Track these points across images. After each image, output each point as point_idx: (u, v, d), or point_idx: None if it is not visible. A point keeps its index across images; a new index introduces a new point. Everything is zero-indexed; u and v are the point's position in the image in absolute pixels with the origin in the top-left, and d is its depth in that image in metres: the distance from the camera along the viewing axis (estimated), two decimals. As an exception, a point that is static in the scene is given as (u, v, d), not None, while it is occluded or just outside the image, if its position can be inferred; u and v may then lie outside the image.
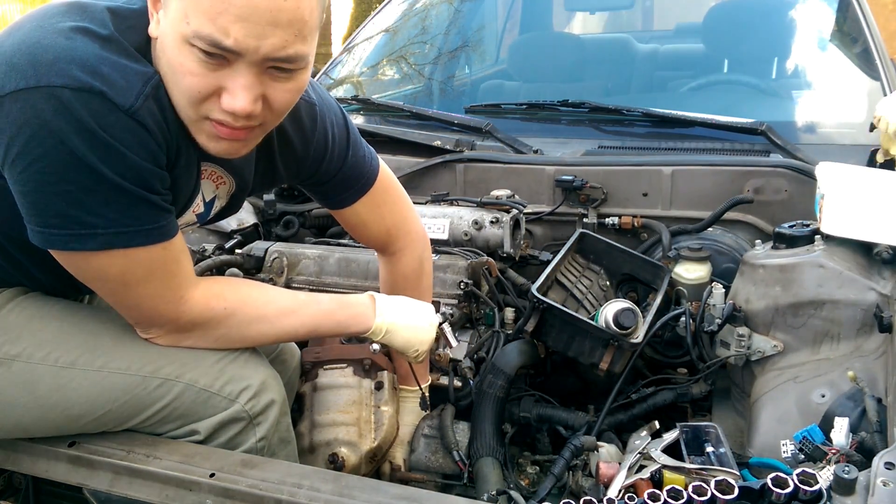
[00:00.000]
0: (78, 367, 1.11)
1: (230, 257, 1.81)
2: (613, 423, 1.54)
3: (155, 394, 1.13)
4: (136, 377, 1.12)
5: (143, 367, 1.13)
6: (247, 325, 1.18)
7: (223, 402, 1.15)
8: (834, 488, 0.89)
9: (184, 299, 1.11)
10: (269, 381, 1.20)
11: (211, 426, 1.14)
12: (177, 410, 1.14)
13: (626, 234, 1.94)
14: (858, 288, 1.37)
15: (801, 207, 1.81)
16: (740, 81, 2.43)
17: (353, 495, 1.00)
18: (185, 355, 1.16)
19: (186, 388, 1.14)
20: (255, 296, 1.20)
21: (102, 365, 1.12)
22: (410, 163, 2.12)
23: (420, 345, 1.31)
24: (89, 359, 1.12)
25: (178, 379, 1.13)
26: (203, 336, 1.16)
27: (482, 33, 3.10)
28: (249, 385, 1.16)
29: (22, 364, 1.11)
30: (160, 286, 1.08)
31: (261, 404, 1.17)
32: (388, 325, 1.28)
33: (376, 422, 1.42)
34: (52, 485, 1.17)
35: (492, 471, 1.40)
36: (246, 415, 1.16)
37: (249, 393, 1.16)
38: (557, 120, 2.32)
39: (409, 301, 1.34)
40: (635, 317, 1.46)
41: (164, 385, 1.13)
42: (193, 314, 1.12)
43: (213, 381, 1.15)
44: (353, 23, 9.54)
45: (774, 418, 1.33)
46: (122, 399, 1.12)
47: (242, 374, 1.17)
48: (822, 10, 2.57)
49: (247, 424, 1.16)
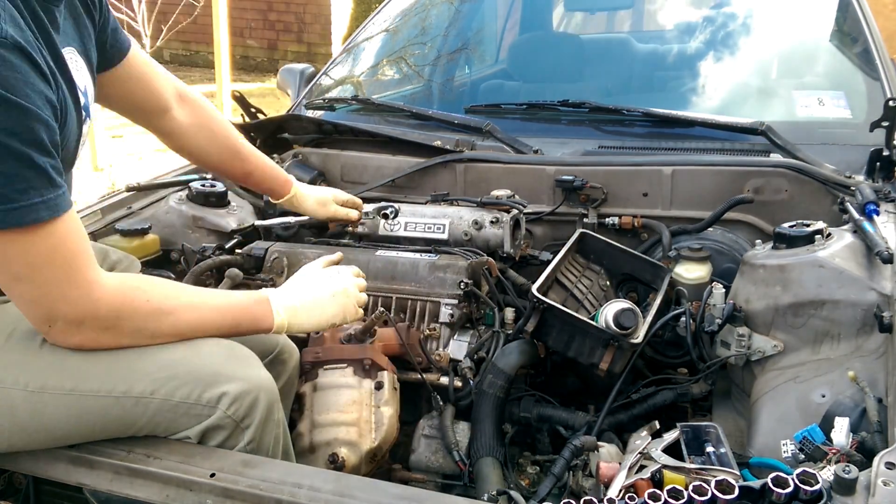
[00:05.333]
0: (48, 392, 1.08)
1: (230, 257, 1.81)
2: (613, 423, 1.54)
3: (132, 412, 1.10)
4: (110, 398, 1.09)
5: (114, 387, 1.09)
6: (163, 317, 1.13)
7: (204, 410, 1.12)
8: (834, 488, 0.89)
9: (97, 283, 1.04)
10: (253, 380, 1.16)
11: (198, 433, 1.13)
12: (160, 426, 1.12)
13: (626, 234, 1.94)
14: (858, 288, 1.37)
15: (802, 207, 1.81)
16: (740, 81, 2.43)
17: (353, 495, 1.00)
18: (156, 366, 1.11)
19: (163, 403, 1.10)
20: (167, 288, 1.17)
21: (73, 388, 1.08)
22: (410, 163, 2.12)
23: (333, 317, 1.31)
24: (58, 381, 1.08)
25: (153, 396, 1.10)
26: (120, 330, 1.09)
27: (482, 33, 3.10)
28: (227, 390, 1.12)
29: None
30: (65, 270, 1.00)
31: (245, 406, 1.13)
32: (288, 319, 1.25)
33: (376, 422, 1.42)
34: (52, 485, 1.17)
35: (492, 471, 1.40)
36: (230, 420, 1.13)
37: (230, 397, 1.12)
38: (557, 120, 2.32)
39: (301, 280, 1.33)
40: (635, 317, 1.46)
41: (140, 403, 1.10)
42: (112, 303, 1.06)
43: (189, 391, 1.11)
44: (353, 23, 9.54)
45: (775, 418, 1.33)
46: (101, 422, 1.10)
47: (219, 378, 1.13)
48: (822, 10, 2.57)
49: (234, 429, 1.13)
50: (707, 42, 2.61)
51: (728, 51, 2.56)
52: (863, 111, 2.11)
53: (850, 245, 1.47)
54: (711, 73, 2.49)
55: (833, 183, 1.81)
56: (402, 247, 1.84)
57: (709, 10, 2.72)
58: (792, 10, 2.60)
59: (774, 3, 2.66)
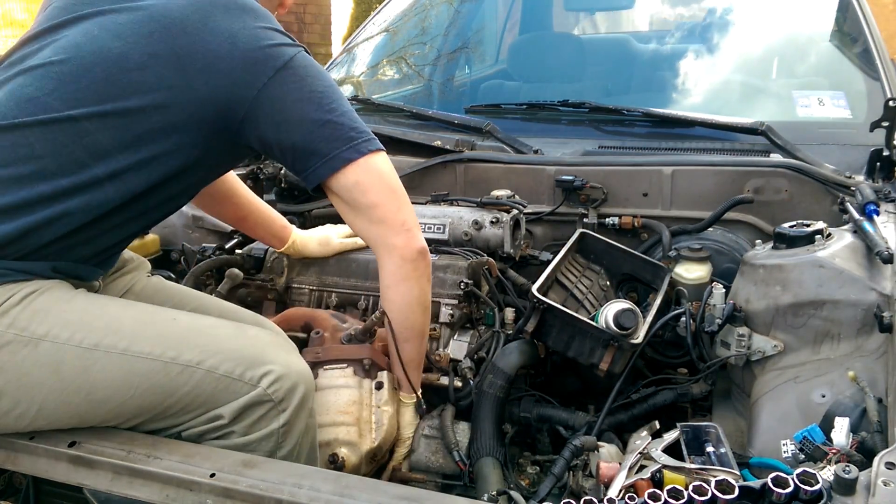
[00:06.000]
0: (101, 349, 1.12)
1: (230, 257, 1.81)
2: (614, 423, 1.53)
3: (176, 380, 1.14)
4: (158, 362, 1.13)
5: (164, 351, 1.14)
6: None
7: (245, 388, 1.16)
8: (834, 488, 0.89)
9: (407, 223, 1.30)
10: (294, 367, 1.21)
11: (234, 410, 1.15)
12: (199, 398, 1.15)
13: (626, 234, 1.94)
14: (858, 288, 1.37)
15: (802, 207, 1.81)
16: (740, 81, 2.43)
17: (353, 495, 1.00)
18: (206, 340, 1.17)
19: (207, 374, 1.15)
20: None
21: (125, 348, 1.13)
22: (410, 163, 2.12)
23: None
24: (113, 341, 1.13)
25: (199, 366, 1.14)
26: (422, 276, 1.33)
27: (482, 33, 3.10)
28: (271, 370, 1.17)
29: (48, 344, 1.11)
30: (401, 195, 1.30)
31: (284, 389, 1.18)
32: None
33: (376, 422, 1.42)
34: (52, 485, 1.17)
35: (492, 471, 1.40)
36: (269, 398, 1.16)
37: (272, 377, 1.17)
38: (557, 120, 2.32)
39: None
40: (636, 317, 1.46)
41: (185, 372, 1.14)
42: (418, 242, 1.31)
43: (234, 366, 1.16)
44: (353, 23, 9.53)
45: (775, 418, 1.33)
46: (143, 385, 1.13)
47: (264, 359, 1.18)
48: (822, 10, 2.57)
49: (271, 408, 1.17)
50: (707, 42, 2.62)
51: (728, 51, 2.56)
52: (863, 111, 2.11)
53: (851, 245, 1.47)
54: (711, 73, 2.49)
55: (833, 183, 1.81)
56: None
57: (709, 10, 2.72)
58: (792, 10, 2.60)
59: (775, 2, 2.66)
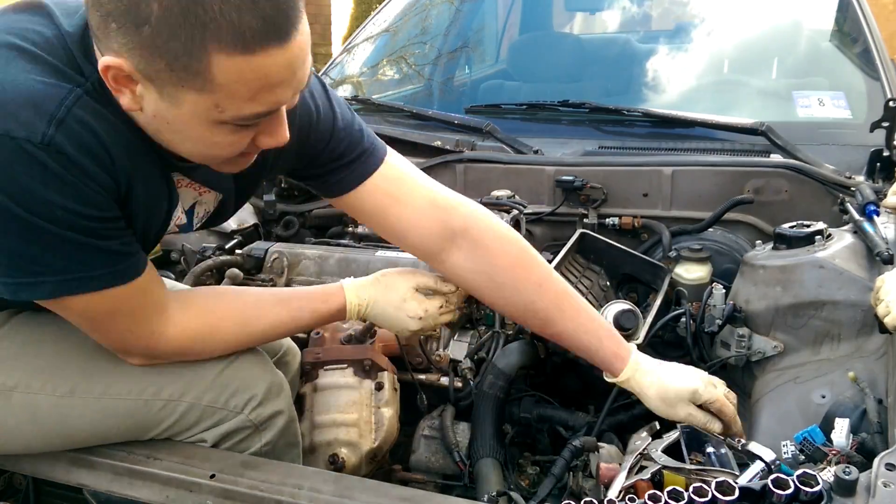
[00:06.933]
0: (77, 395, 1.09)
1: (230, 258, 1.81)
2: (614, 423, 1.53)
3: (159, 415, 1.12)
4: (138, 401, 1.11)
5: (144, 389, 1.11)
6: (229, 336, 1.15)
7: (229, 415, 1.14)
8: (834, 489, 0.89)
9: (155, 334, 1.07)
10: (275, 387, 1.19)
11: (217, 435, 1.14)
12: (182, 425, 1.14)
13: (626, 235, 1.93)
14: (859, 288, 1.37)
15: (802, 208, 1.81)
16: (740, 81, 2.43)
17: (353, 496, 1.00)
18: (187, 372, 1.13)
19: (191, 406, 1.13)
20: (232, 304, 1.17)
21: (102, 392, 1.10)
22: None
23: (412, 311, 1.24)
24: (88, 386, 1.10)
25: (182, 399, 1.12)
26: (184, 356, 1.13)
27: (482, 33, 3.10)
28: (254, 395, 1.15)
29: (20, 395, 1.08)
30: (127, 323, 1.04)
31: (266, 412, 1.17)
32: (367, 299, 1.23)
33: (377, 422, 1.42)
34: (52, 485, 1.17)
35: (492, 471, 1.39)
36: (251, 423, 1.15)
37: (254, 403, 1.15)
38: (558, 120, 2.32)
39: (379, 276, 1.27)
40: (636, 318, 1.46)
41: (168, 406, 1.12)
42: (170, 345, 1.09)
43: (217, 395, 1.14)
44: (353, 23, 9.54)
45: (775, 419, 1.33)
46: (125, 423, 1.11)
47: (247, 384, 1.16)
48: (822, 10, 2.56)
49: (252, 432, 1.16)
50: (707, 42, 2.62)
51: (728, 51, 2.56)
52: (863, 111, 2.11)
53: (851, 246, 1.47)
54: (711, 73, 2.49)
55: (833, 183, 1.81)
56: (402, 247, 1.84)
57: (709, 10, 2.72)
58: (792, 10, 2.60)
59: (775, 3, 2.66)
